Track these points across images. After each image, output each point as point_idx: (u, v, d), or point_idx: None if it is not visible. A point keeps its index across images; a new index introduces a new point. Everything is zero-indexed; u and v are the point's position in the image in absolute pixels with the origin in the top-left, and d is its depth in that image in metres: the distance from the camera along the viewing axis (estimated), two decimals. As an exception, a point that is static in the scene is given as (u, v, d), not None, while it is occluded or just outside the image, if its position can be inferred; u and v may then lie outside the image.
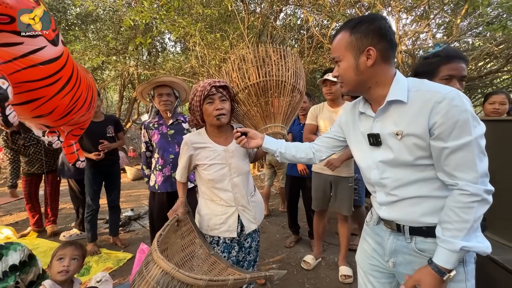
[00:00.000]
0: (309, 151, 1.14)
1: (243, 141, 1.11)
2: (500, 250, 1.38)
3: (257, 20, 5.17)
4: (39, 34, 1.35)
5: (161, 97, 1.96)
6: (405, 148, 0.81)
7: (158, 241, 0.97)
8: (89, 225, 2.63)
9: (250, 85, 1.26)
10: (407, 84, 0.83)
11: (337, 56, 0.89)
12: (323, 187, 2.26)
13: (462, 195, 0.73)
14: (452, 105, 0.73)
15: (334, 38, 0.91)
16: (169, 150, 1.99)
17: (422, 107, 0.77)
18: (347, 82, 0.90)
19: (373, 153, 0.91)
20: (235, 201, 1.28)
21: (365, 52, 0.83)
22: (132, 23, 4.08)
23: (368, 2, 4.04)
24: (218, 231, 1.27)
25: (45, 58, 1.38)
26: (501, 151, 1.50)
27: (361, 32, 0.83)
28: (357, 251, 1.10)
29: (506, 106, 2.08)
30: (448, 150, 0.74)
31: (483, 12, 3.34)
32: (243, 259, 1.36)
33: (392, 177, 0.86)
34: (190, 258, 1.18)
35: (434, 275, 0.76)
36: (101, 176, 2.67)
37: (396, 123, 0.83)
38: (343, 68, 0.88)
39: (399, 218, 0.88)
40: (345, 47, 0.86)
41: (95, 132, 2.50)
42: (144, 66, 6.86)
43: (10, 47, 1.27)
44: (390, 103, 0.84)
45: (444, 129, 0.74)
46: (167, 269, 0.81)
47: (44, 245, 2.77)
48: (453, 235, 0.74)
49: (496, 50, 3.41)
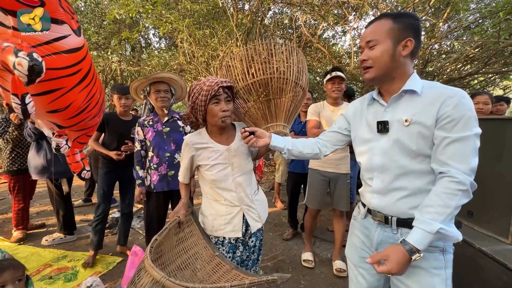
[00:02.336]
0: (315, 147, 1.17)
1: (252, 140, 1.09)
2: (487, 242, 1.46)
3: (246, 17, 5.13)
4: (64, 22, 1.35)
5: (158, 94, 1.90)
6: (409, 135, 0.87)
7: (152, 247, 0.94)
8: (95, 232, 2.33)
9: (251, 83, 1.23)
10: (422, 82, 0.91)
11: (375, 39, 0.91)
12: (320, 185, 2.26)
13: (451, 182, 0.79)
14: (462, 101, 0.81)
15: (372, 23, 0.94)
16: (165, 148, 1.92)
17: (435, 99, 0.84)
18: (379, 65, 0.92)
19: (379, 139, 0.96)
20: (239, 200, 1.26)
21: (403, 42, 0.88)
22: (117, 16, 3.91)
23: (355, 3, 4.13)
24: (223, 232, 1.25)
25: (69, 47, 1.37)
26: (486, 148, 1.59)
27: (404, 24, 0.88)
28: (347, 246, 1.15)
29: (489, 106, 2.21)
30: (449, 139, 0.81)
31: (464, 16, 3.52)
32: (248, 258, 1.35)
33: (395, 163, 0.91)
34: (193, 260, 1.15)
35: (403, 252, 0.79)
36: (115, 178, 2.43)
37: (406, 111, 0.89)
38: (380, 51, 0.90)
39: (389, 207, 0.93)
40: (386, 32, 0.89)
41: (120, 130, 2.32)
42: (128, 62, 6.62)
43: (36, 33, 1.27)
44: (405, 92, 0.91)
45: (450, 120, 0.81)
46: (157, 278, 0.79)
47: (24, 251, 2.60)
48: (432, 218, 0.78)
49: (474, 53, 3.61)
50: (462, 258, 1.52)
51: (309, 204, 2.35)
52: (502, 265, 1.28)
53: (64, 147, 1.63)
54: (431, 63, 4.42)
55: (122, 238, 2.57)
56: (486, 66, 3.47)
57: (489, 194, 1.56)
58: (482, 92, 2.41)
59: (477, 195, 1.61)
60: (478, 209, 1.64)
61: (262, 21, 5.38)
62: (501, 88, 5.32)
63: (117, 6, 4.02)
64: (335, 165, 2.20)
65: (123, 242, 2.58)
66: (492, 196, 1.55)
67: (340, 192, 2.22)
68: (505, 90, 5.19)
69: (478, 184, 1.69)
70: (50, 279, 2.13)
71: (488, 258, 1.36)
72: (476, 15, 3.73)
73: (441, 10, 3.71)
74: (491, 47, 3.12)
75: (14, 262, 1.36)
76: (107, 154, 2.27)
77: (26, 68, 1.08)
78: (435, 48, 4.27)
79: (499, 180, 1.50)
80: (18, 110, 1.26)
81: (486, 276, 1.36)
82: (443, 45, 4.24)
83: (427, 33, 4.07)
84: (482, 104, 2.23)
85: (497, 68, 3.78)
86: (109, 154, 2.27)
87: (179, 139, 1.95)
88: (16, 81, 1.20)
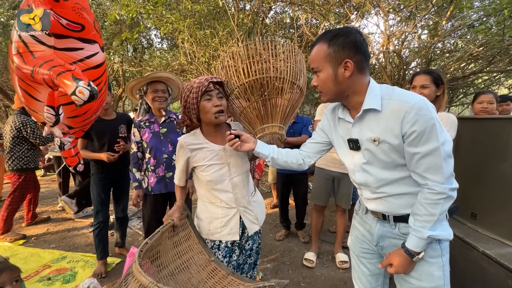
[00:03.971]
0: (299, 157, 1.17)
1: (236, 143, 1.08)
2: (492, 245, 1.42)
3: (247, 17, 5.11)
4: (95, 41, 1.54)
5: (156, 93, 1.87)
6: (382, 152, 0.90)
7: (141, 251, 0.91)
8: (98, 240, 2.22)
9: (245, 82, 1.20)
10: (380, 92, 0.90)
11: (316, 67, 0.93)
12: (325, 182, 2.34)
13: (430, 193, 0.85)
14: (420, 115, 0.81)
15: (312, 49, 0.95)
16: (162, 150, 1.89)
17: (394, 116, 0.85)
18: (326, 91, 0.95)
19: (354, 156, 1.00)
20: (236, 202, 1.23)
21: (342, 64, 0.88)
22: (118, 17, 3.91)
23: (357, 2, 4.08)
24: (220, 235, 1.22)
25: (96, 63, 1.55)
26: (490, 148, 1.55)
27: (339, 45, 0.88)
28: (349, 238, 1.21)
29: (494, 105, 2.17)
30: (419, 155, 0.84)
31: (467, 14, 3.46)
32: (244, 262, 1.32)
33: (374, 178, 0.96)
34: (188, 265, 1.12)
35: (405, 256, 0.90)
36: (110, 183, 2.31)
37: (372, 129, 0.91)
38: (322, 79, 0.93)
39: (384, 210, 0.99)
40: (323, 58, 0.90)
41: (106, 131, 2.17)
42: (129, 62, 6.63)
43: (74, 52, 1.45)
44: (366, 111, 0.91)
45: (415, 136, 0.82)
46: (144, 283, 0.75)
47: (23, 252, 2.60)
48: (422, 226, 0.87)
49: (478, 52, 3.55)
50: (467, 262, 1.48)
51: (314, 201, 2.43)
52: (506, 269, 1.24)
53: (67, 144, 1.72)
54: (434, 62, 4.36)
55: (119, 240, 2.56)
56: (490, 64, 3.41)
57: (493, 195, 1.52)
58: (486, 91, 2.37)
59: (480, 197, 1.58)
60: (482, 211, 1.59)
61: (263, 21, 5.35)
62: (506, 87, 5.24)
63: (118, 7, 4.01)
64: (340, 165, 2.21)
65: (121, 244, 2.57)
66: (497, 198, 1.50)
67: (343, 191, 2.32)
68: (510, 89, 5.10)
69: (482, 185, 1.65)
70: (48, 280, 2.13)
71: (493, 261, 1.32)
72: (480, 13, 3.67)
73: (444, 8, 3.66)
74: (495, 46, 3.06)
75: (9, 264, 1.37)
76: (98, 157, 2.11)
77: (87, 96, 1.25)
78: (438, 47, 4.21)
79: (504, 181, 1.46)
80: (51, 120, 1.41)
81: (491, 279, 1.32)
82: (446, 43, 4.18)
83: (430, 32, 4.02)
84: (486, 103, 2.19)
85: (502, 66, 3.72)
86: (100, 157, 2.10)
87: (176, 140, 1.90)
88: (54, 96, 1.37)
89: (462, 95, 4.97)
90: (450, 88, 4.47)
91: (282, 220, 2.92)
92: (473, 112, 2.31)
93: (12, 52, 1.39)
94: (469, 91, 4.69)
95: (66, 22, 1.37)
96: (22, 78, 1.40)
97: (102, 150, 2.17)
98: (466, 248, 1.49)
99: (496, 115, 2.06)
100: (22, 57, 1.36)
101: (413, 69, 4.53)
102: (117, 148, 2.13)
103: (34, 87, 1.43)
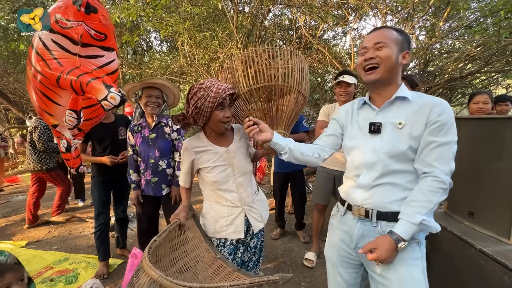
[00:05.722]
0: (315, 151, 1.17)
1: (254, 130, 1.06)
2: (489, 243, 1.44)
3: (246, 19, 5.15)
4: (113, 49, 1.64)
5: (149, 98, 1.87)
6: (402, 136, 0.96)
7: (150, 247, 0.95)
8: (99, 242, 2.25)
9: (254, 88, 1.20)
10: (411, 92, 1.01)
11: (383, 41, 0.97)
12: (326, 181, 2.36)
13: (434, 181, 0.89)
14: (446, 110, 0.92)
15: (378, 29, 1.02)
16: (149, 155, 1.92)
17: (424, 106, 0.95)
18: (386, 65, 0.97)
19: (370, 139, 1.03)
20: (241, 201, 1.27)
21: (404, 53, 0.98)
22: (118, 20, 3.94)
23: (355, 4, 4.12)
24: (225, 233, 1.25)
25: (113, 69, 1.66)
26: (487, 147, 1.58)
27: (406, 38, 0.99)
28: (325, 245, 1.20)
29: (489, 105, 2.20)
30: (435, 144, 0.90)
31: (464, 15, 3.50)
32: (249, 259, 1.35)
33: (381, 163, 0.98)
34: (194, 263, 1.15)
35: (391, 241, 0.90)
36: (110, 185, 2.34)
37: (398, 115, 0.98)
38: (388, 53, 0.96)
39: (373, 203, 1.00)
40: (394, 40, 0.97)
41: (107, 134, 2.21)
42: (129, 65, 6.66)
43: (95, 59, 1.55)
44: (397, 99, 1.00)
45: (437, 126, 0.91)
46: (154, 277, 0.80)
47: (26, 253, 2.62)
48: (416, 211, 0.89)
49: (475, 52, 3.58)
50: (464, 259, 1.51)
51: (316, 200, 2.45)
52: (503, 266, 1.26)
53: (74, 146, 1.81)
54: (432, 63, 4.39)
55: (120, 241, 2.58)
56: (487, 65, 3.44)
57: (490, 194, 1.54)
58: (481, 91, 2.39)
59: (478, 195, 1.61)
60: (479, 210, 1.62)
61: (262, 23, 5.39)
62: (504, 87, 5.27)
63: (118, 10, 4.05)
64: (341, 164, 2.23)
65: (122, 245, 2.59)
66: (493, 196, 1.53)
67: None
68: (508, 89, 5.13)
69: (479, 184, 1.68)
70: (51, 281, 2.15)
71: (490, 259, 1.34)
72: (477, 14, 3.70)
73: (441, 10, 3.69)
74: (492, 46, 3.09)
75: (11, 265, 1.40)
76: (100, 161, 2.16)
77: (118, 101, 1.38)
78: (435, 47, 4.25)
79: (500, 180, 1.48)
80: (73, 123, 1.52)
81: (488, 277, 1.35)
82: (444, 44, 4.21)
83: (428, 33, 4.05)
84: (481, 103, 2.22)
85: (499, 67, 3.75)
86: (102, 161, 2.15)
87: (163, 146, 1.93)
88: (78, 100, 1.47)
89: (460, 95, 5.00)
90: (448, 89, 4.50)
91: (278, 219, 2.95)
92: (469, 112, 2.34)
93: (33, 57, 1.44)
94: (467, 91, 4.71)
95: (94, 32, 1.47)
96: (45, 83, 1.45)
97: (104, 153, 2.21)
98: (464, 246, 1.51)
99: (492, 115, 2.09)
100: (46, 63, 1.42)
101: (411, 69, 4.57)
102: (121, 161, 2.19)
103: (55, 91, 1.50)
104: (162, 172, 1.93)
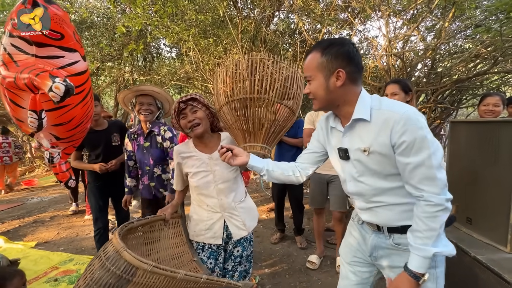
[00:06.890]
0: (295, 169, 1.15)
1: (228, 157, 1.07)
2: (484, 250, 1.39)
3: (250, 25, 5.22)
4: (76, 50, 1.62)
5: (141, 106, 1.89)
6: (374, 162, 0.90)
7: (125, 225, 1.02)
8: (99, 245, 2.30)
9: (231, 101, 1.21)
10: (370, 103, 0.90)
11: (308, 75, 0.94)
12: (320, 186, 2.38)
13: (428, 205, 0.82)
14: (408, 125, 0.81)
15: (306, 58, 0.97)
16: (145, 162, 1.99)
17: (384, 125, 0.85)
18: (318, 99, 0.95)
19: (345, 165, 1.00)
20: (221, 207, 1.29)
21: (335, 73, 0.89)
22: (124, 30, 4.10)
23: (358, 7, 4.09)
24: (204, 237, 1.28)
25: (78, 70, 1.63)
26: (485, 152, 1.53)
27: (332, 55, 0.88)
28: (342, 244, 1.18)
29: (500, 107, 2.08)
30: (411, 165, 0.82)
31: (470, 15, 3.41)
32: (233, 269, 1.35)
33: (367, 187, 0.95)
34: (170, 260, 1.20)
35: (410, 280, 0.85)
36: (107, 190, 2.34)
37: (363, 139, 0.90)
38: (314, 87, 0.94)
39: (377, 221, 0.98)
40: (316, 67, 0.91)
41: (99, 141, 2.22)
42: (139, 71, 6.88)
43: (55, 59, 1.52)
44: (355, 121, 0.91)
45: (405, 147, 0.82)
46: (117, 247, 0.84)
47: (35, 254, 2.74)
48: (423, 243, 0.83)
49: (484, 52, 3.47)
50: (460, 267, 1.46)
51: (311, 205, 2.47)
52: (496, 275, 1.22)
53: (57, 157, 1.77)
54: (439, 64, 4.29)
55: None
56: (495, 65, 3.33)
57: (488, 200, 1.49)
58: (493, 93, 2.27)
59: (476, 201, 1.56)
60: (477, 216, 1.56)
61: (267, 28, 5.43)
62: (518, 87, 5.05)
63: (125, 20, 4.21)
64: (330, 167, 2.17)
65: None
66: (491, 202, 1.47)
67: (336, 193, 2.29)
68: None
69: (477, 190, 1.62)
70: (55, 281, 2.24)
71: (483, 267, 1.30)
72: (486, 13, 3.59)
73: (448, 10, 3.61)
74: (498, 46, 2.99)
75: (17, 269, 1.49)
76: (92, 168, 2.19)
77: (63, 91, 1.30)
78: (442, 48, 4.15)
79: (499, 186, 1.43)
80: (34, 124, 1.44)
81: (481, 286, 1.30)
82: (451, 45, 4.10)
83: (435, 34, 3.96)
84: (492, 106, 2.09)
85: (508, 67, 3.61)
86: (93, 168, 2.17)
87: (157, 155, 1.96)
88: (36, 99, 1.41)
89: (471, 97, 4.83)
90: (457, 90, 4.37)
91: (277, 222, 2.95)
92: (478, 115, 2.24)
93: None
94: (478, 92, 4.55)
95: (48, 31, 1.44)
96: (7, 86, 1.46)
97: (96, 160, 2.23)
98: (459, 253, 1.46)
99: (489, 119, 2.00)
100: (6, 67, 1.44)
101: (419, 71, 4.47)
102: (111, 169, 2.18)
103: (18, 94, 1.48)
104: (158, 178, 2.00)
